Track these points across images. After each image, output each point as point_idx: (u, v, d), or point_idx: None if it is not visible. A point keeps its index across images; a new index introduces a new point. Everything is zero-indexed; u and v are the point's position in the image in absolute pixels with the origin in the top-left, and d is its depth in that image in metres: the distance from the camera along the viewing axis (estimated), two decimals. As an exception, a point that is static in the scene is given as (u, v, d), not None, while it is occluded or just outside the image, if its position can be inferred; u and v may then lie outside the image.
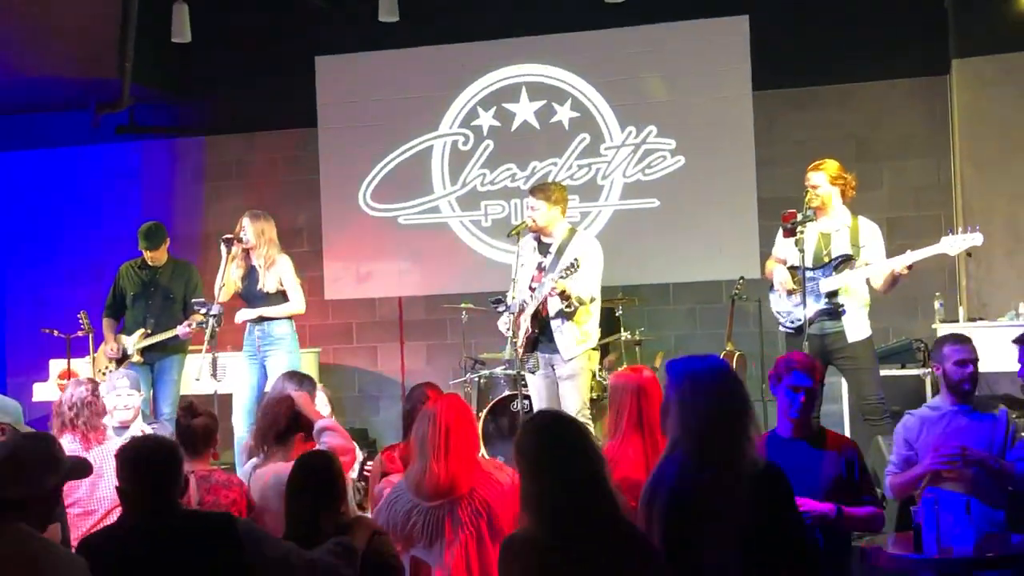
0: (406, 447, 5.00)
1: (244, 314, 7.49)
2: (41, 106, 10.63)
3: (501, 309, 6.81)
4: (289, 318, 7.52)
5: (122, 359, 7.83)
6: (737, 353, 8.62)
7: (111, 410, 5.90)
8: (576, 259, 6.56)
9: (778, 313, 6.73)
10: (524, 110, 9.99)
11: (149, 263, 8.03)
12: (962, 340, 5.07)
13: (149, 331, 7.83)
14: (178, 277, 8.03)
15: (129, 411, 5.98)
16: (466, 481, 4.18)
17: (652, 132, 9.72)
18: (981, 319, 8.17)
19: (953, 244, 6.31)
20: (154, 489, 3.38)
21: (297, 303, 7.54)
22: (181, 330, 7.68)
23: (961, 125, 8.98)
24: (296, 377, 5.53)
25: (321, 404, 5.93)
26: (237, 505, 4.70)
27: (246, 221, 7.46)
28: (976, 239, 6.29)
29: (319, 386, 6.03)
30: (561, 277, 6.50)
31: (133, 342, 7.83)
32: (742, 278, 8.71)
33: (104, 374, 7.60)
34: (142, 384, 6.50)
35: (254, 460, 5.03)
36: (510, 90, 10.03)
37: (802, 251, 6.27)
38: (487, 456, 8.09)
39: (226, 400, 7.46)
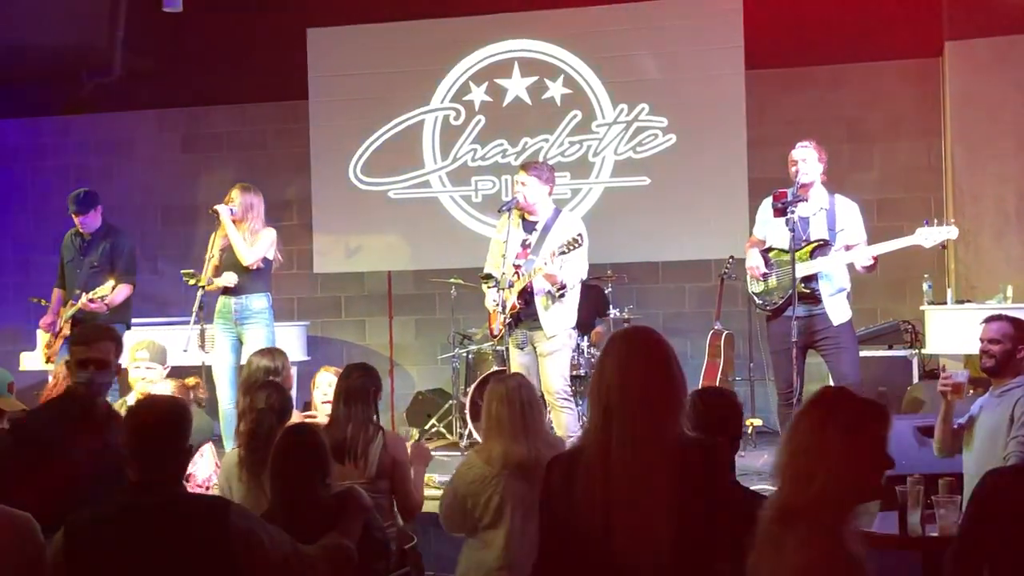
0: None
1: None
2: (31, 74, 10.55)
3: (491, 285, 6.81)
4: (266, 292, 7.44)
5: (58, 332, 7.66)
6: (725, 332, 8.65)
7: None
8: (580, 234, 6.56)
9: (755, 295, 6.75)
10: (516, 86, 9.96)
11: (80, 230, 7.82)
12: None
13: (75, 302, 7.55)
14: (106, 245, 7.77)
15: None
16: None
17: (644, 110, 9.70)
18: (969, 301, 8.19)
19: (928, 236, 6.32)
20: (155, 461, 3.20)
21: (247, 252, 7.19)
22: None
23: (953, 107, 8.99)
24: (270, 353, 5.63)
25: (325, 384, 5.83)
26: None
27: (236, 192, 7.39)
28: (951, 232, 6.30)
29: (330, 369, 5.95)
30: (562, 252, 6.49)
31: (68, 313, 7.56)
32: (731, 257, 8.71)
33: (47, 348, 7.50)
34: None
35: None
36: (502, 65, 9.99)
37: (792, 231, 6.28)
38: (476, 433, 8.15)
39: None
